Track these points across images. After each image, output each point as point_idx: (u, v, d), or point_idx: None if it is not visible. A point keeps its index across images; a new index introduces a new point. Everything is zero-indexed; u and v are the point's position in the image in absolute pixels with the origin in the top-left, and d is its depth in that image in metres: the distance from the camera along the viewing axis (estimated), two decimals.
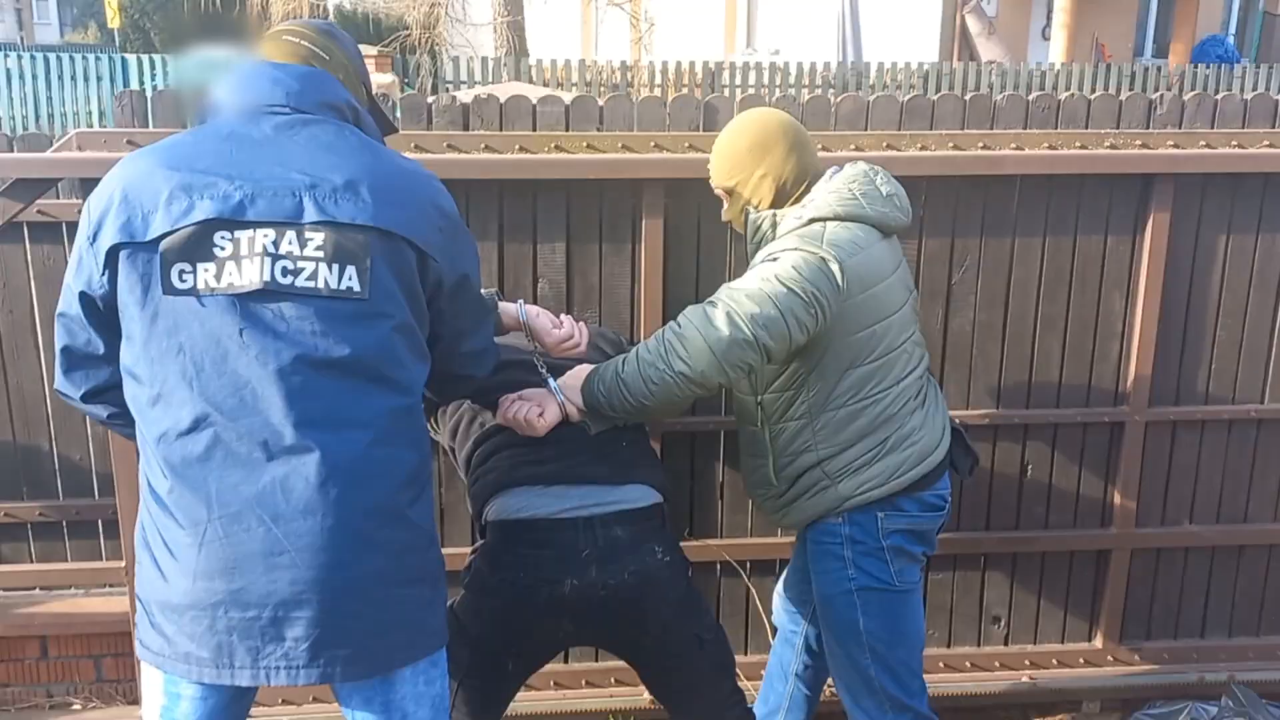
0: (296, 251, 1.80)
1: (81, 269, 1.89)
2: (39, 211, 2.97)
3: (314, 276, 1.81)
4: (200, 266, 1.79)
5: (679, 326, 2.31)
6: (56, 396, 3.15)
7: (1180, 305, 3.17)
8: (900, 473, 2.42)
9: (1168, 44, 17.11)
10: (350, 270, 1.82)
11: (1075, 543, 3.31)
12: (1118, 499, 3.26)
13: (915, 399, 2.47)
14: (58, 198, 2.99)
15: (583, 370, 2.40)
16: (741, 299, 2.29)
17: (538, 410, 2.35)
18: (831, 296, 2.27)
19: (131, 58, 14.44)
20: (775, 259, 2.33)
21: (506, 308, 2.40)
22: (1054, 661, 3.38)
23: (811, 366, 2.35)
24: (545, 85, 12.18)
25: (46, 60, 13.92)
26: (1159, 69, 14.15)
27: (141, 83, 13.59)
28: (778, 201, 2.43)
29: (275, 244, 1.80)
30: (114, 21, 24.25)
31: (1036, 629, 3.39)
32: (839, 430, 2.39)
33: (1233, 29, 18.81)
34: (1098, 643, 3.38)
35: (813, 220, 2.37)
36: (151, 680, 1.99)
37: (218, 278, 1.79)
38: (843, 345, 2.34)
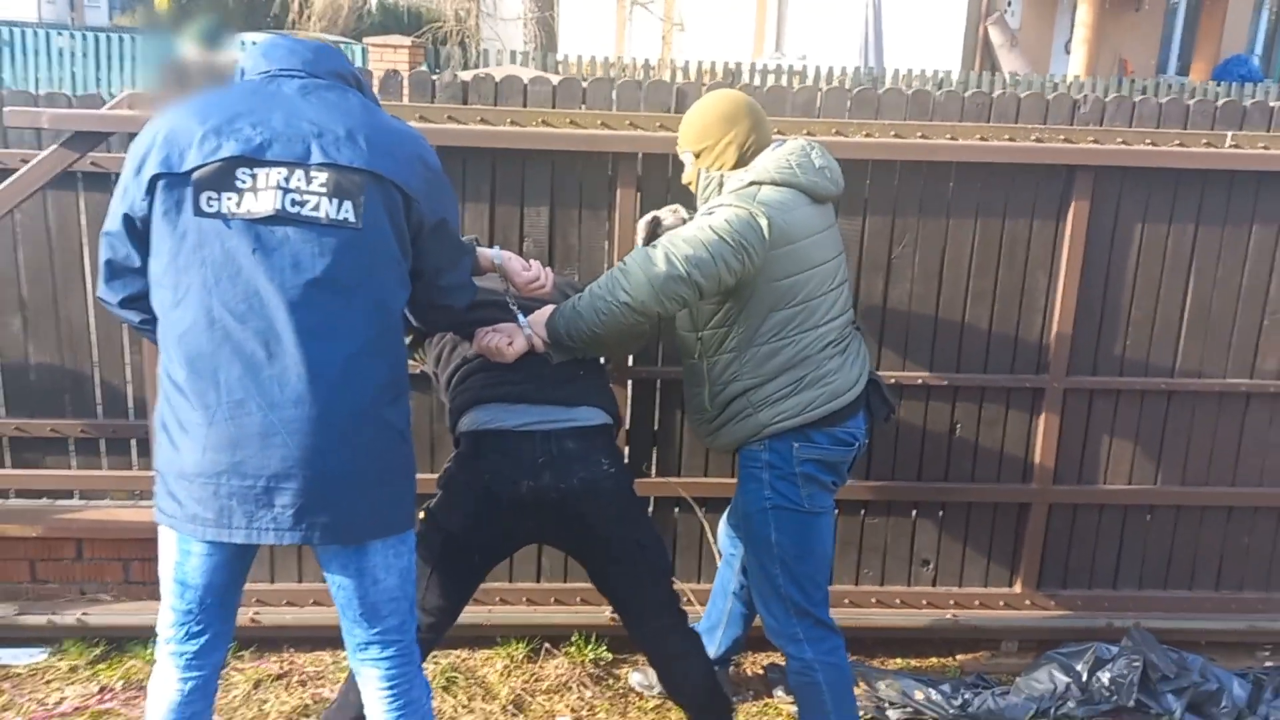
0: (304, 187, 2.21)
1: (126, 195, 2.30)
2: (92, 163, 3.38)
3: (317, 208, 2.22)
4: (224, 195, 2.21)
5: (625, 264, 2.70)
6: (100, 328, 3.62)
7: (1098, 285, 3.53)
8: (813, 407, 2.79)
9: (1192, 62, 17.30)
10: (347, 205, 2.23)
11: (998, 495, 3.67)
12: (1038, 457, 3.63)
13: (835, 345, 2.83)
14: (109, 151, 3.41)
15: (548, 310, 2.80)
16: (679, 243, 2.67)
17: (508, 340, 2.75)
18: (758, 246, 2.65)
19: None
20: (712, 213, 2.72)
21: (484, 252, 2.79)
22: (977, 603, 3.74)
23: (742, 306, 2.73)
24: None
25: (97, 40, 14.53)
26: (1171, 86, 14.35)
27: None
28: (737, 167, 2.81)
29: (287, 180, 2.21)
30: (161, 5, 24.93)
31: (962, 573, 3.75)
32: (763, 363, 2.77)
33: (1259, 49, 18.96)
34: (1017, 588, 3.75)
35: (752, 183, 2.75)
36: (167, 541, 2.40)
37: (238, 205, 2.20)
38: (768, 290, 2.71)
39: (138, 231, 2.31)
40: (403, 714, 2.48)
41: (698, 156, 2.85)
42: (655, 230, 2.87)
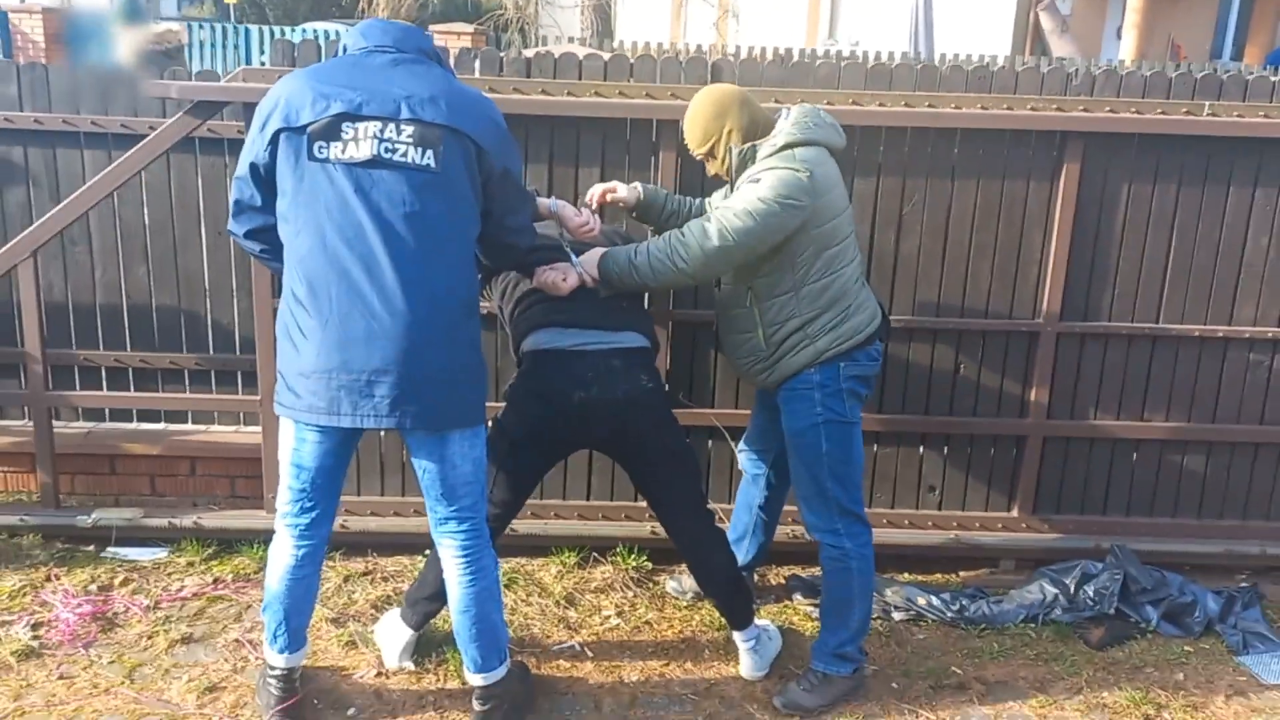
0: (395, 138, 2.73)
1: (253, 147, 2.83)
2: (208, 129, 3.95)
3: (405, 155, 2.73)
4: (332, 144, 2.73)
5: (683, 234, 3.16)
6: (213, 275, 4.20)
7: (1088, 240, 3.94)
8: (860, 330, 3.25)
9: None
10: (429, 152, 2.75)
11: (997, 429, 4.11)
12: (1033, 395, 4.05)
13: (860, 280, 3.30)
14: (222, 119, 3.97)
15: (598, 251, 3.29)
16: (729, 216, 3.12)
17: (563, 276, 3.25)
18: (806, 198, 3.09)
19: (254, 28, 15.80)
20: (758, 180, 3.14)
21: (542, 201, 3.30)
22: (977, 525, 4.19)
23: (794, 253, 3.16)
24: None
25: (190, 28, 15.41)
26: (1217, 70, 14.43)
27: (262, 50, 14.96)
28: (746, 141, 3.26)
29: (381, 132, 2.73)
30: None
31: (964, 498, 4.20)
32: (817, 298, 3.21)
33: None
34: (1015, 512, 4.18)
35: (785, 145, 3.20)
36: (286, 431, 2.95)
37: (343, 152, 2.73)
38: (818, 232, 3.15)
39: (261, 177, 2.84)
40: (474, 578, 3.01)
41: (711, 153, 3.30)
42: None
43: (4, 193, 4.18)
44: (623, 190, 3.45)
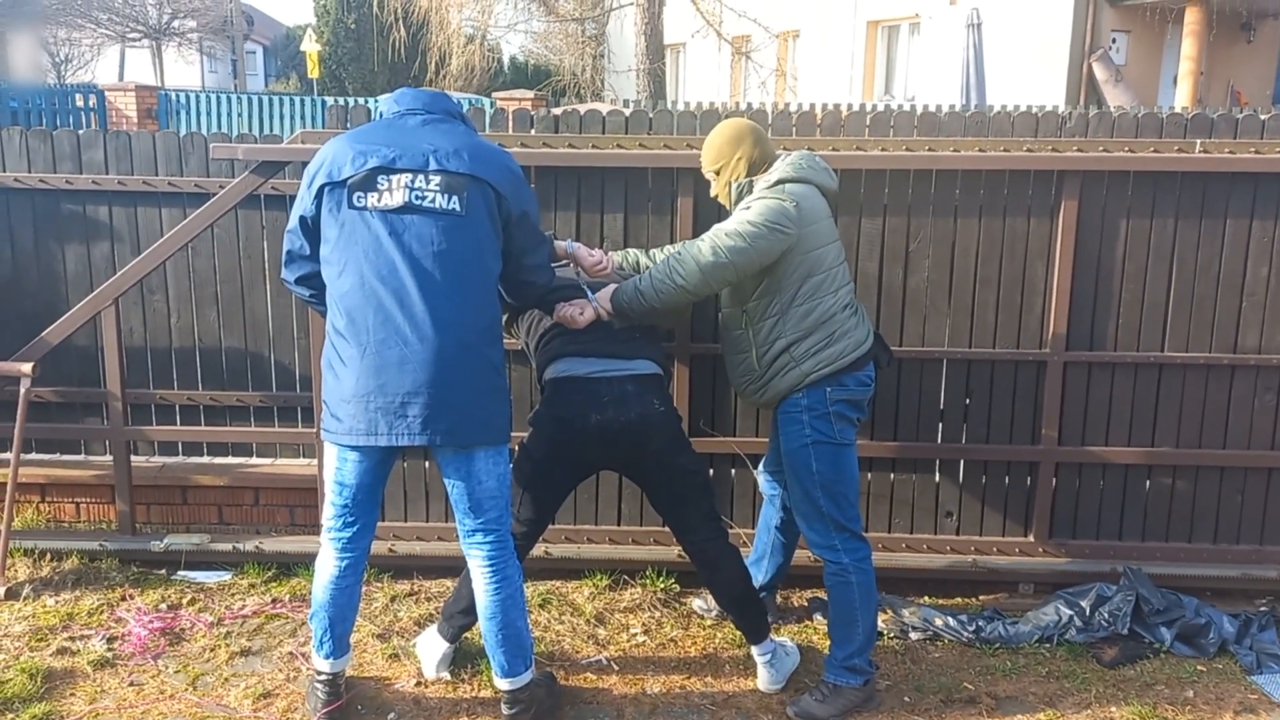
0: (424, 186, 3.07)
1: (301, 201, 3.19)
2: (272, 187, 4.35)
3: (434, 201, 3.07)
4: (369, 194, 3.07)
5: (679, 254, 3.47)
6: (276, 318, 4.58)
7: (1090, 272, 4.13)
8: (844, 355, 3.48)
9: None
10: (455, 198, 3.07)
11: (1010, 455, 4.27)
12: (1044, 422, 4.22)
13: (849, 307, 3.54)
14: (284, 178, 4.37)
15: (610, 288, 3.58)
16: (722, 236, 3.42)
17: (580, 311, 3.55)
18: (791, 225, 3.37)
19: (330, 99, 16.60)
20: (749, 207, 3.46)
21: (558, 243, 3.62)
22: (995, 549, 4.33)
23: (780, 277, 3.44)
24: None
25: (250, 101, 16.26)
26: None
27: None
28: (749, 175, 3.56)
29: (412, 182, 3.07)
30: (314, 72, 27.20)
31: (981, 523, 4.35)
32: (801, 321, 3.46)
33: None
34: (1031, 537, 4.33)
35: (778, 181, 3.49)
36: (329, 453, 3.26)
37: (379, 200, 3.07)
38: (802, 259, 3.43)
39: (309, 228, 3.20)
40: (499, 586, 3.28)
41: (718, 173, 3.61)
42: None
43: (90, 247, 4.62)
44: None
